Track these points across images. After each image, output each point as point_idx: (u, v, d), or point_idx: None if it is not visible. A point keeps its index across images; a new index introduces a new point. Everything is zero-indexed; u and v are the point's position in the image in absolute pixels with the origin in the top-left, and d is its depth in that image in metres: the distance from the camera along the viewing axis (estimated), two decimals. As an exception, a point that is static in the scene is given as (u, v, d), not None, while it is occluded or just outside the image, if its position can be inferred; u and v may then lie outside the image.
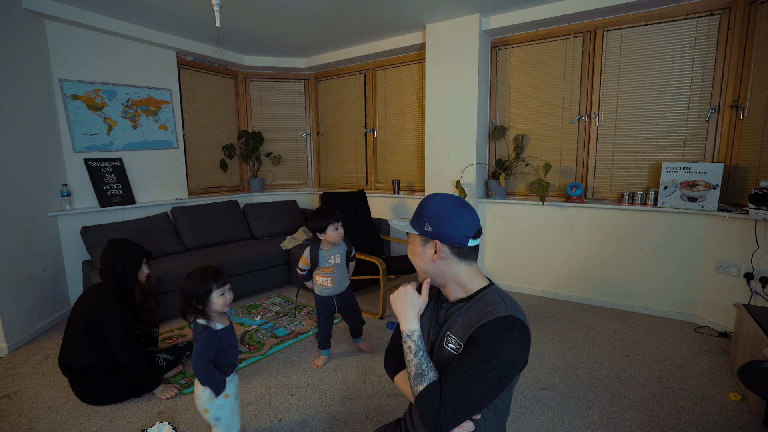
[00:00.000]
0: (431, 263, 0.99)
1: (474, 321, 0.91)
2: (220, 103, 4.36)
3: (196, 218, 3.66)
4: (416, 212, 1.03)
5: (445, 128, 3.50)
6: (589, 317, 2.91)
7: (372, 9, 3.08)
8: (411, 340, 0.96)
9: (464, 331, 0.92)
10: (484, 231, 3.58)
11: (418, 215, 1.01)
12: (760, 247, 2.40)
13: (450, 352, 0.94)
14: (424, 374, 0.91)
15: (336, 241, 2.17)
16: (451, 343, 0.94)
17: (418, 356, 0.94)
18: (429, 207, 0.99)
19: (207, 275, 1.42)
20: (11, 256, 2.53)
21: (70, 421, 1.80)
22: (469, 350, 0.88)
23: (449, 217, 0.96)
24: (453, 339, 0.94)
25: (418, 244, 1.01)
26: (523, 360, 0.89)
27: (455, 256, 0.97)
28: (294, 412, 1.87)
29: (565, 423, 1.77)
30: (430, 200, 1.00)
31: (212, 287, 1.42)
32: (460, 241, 0.96)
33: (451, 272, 0.98)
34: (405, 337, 0.98)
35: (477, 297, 0.96)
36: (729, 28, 2.61)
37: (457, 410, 0.86)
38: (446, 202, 0.98)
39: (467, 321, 0.93)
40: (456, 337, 0.93)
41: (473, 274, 0.99)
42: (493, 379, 0.85)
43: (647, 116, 2.93)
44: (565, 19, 3.04)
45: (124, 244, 1.99)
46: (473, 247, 0.98)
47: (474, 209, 1.00)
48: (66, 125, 3.10)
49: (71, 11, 2.93)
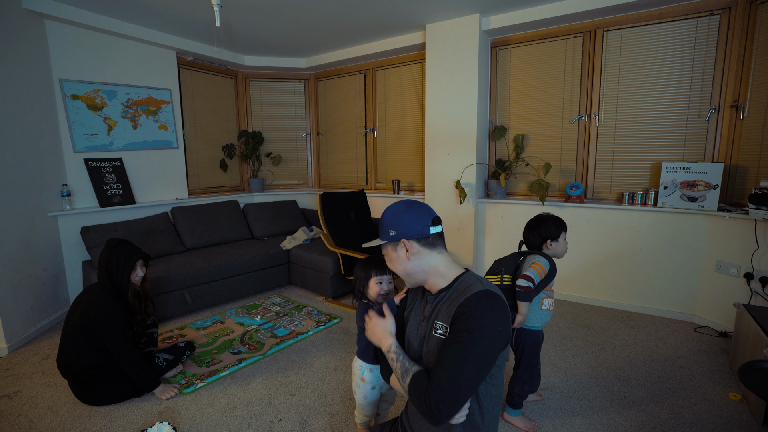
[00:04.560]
0: (407, 262, 1.07)
1: (454, 302, 0.99)
2: (220, 103, 4.36)
3: (196, 218, 3.66)
4: (379, 227, 1.13)
5: (445, 128, 3.50)
6: (589, 317, 2.91)
7: (372, 9, 3.08)
8: (391, 351, 1.06)
9: (448, 314, 0.98)
10: (484, 231, 3.58)
11: (381, 227, 1.12)
12: (760, 247, 2.40)
13: (438, 337, 1.00)
14: (408, 369, 0.99)
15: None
16: (438, 329, 1.00)
17: (399, 360, 1.03)
18: (386, 217, 1.10)
19: (371, 263, 1.57)
20: (11, 256, 2.53)
21: (70, 421, 1.80)
22: (453, 328, 0.94)
23: (404, 217, 1.07)
24: (440, 325, 1.00)
25: (391, 251, 1.11)
26: (506, 332, 0.94)
27: (424, 247, 1.06)
28: (294, 412, 1.87)
29: (565, 423, 1.77)
30: (385, 212, 1.11)
31: (372, 273, 1.55)
32: (422, 231, 1.05)
33: (428, 264, 1.06)
34: (386, 354, 1.08)
35: (456, 283, 1.04)
36: (729, 28, 2.61)
37: (449, 388, 0.89)
38: (398, 207, 1.10)
39: (450, 305, 1.00)
40: (442, 323, 1.00)
41: (449, 262, 1.08)
42: (480, 351, 0.90)
43: (647, 116, 2.93)
44: (565, 19, 3.04)
45: (121, 245, 1.99)
46: (437, 234, 1.08)
47: (426, 204, 1.11)
48: (66, 125, 3.10)
49: (71, 11, 2.93)
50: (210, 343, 2.55)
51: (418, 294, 1.18)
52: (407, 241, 1.06)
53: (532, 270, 1.63)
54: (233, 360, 2.33)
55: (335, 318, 2.91)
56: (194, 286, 3.01)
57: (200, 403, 1.93)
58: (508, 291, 1.70)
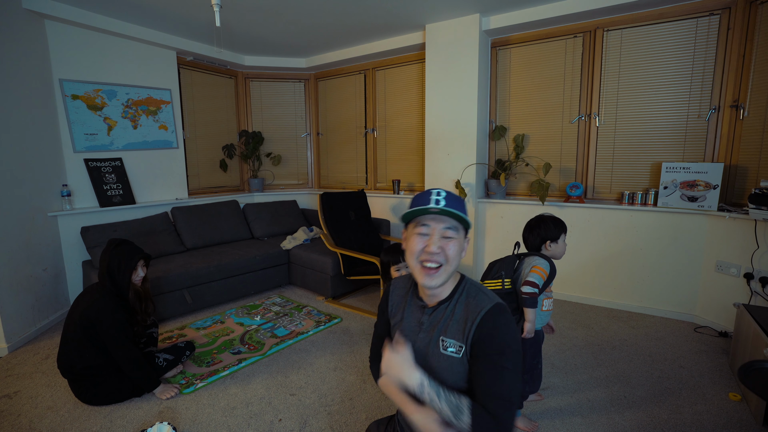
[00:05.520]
0: (459, 258, 0.97)
1: (465, 318, 0.94)
2: (220, 103, 4.36)
3: (196, 218, 3.66)
4: (455, 205, 0.94)
5: (445, 128, 3.50)
6: (589, 317, 2.91)
7: (372, 9, 3.08)
8: (426, 389, 0.91)
9: (460, 332, 0.94)
10: (484, 231, 3.58)
11: (460, 206, 0.95)
12: (760, 247, 2.40)
13: (451, 356, 0.94)
14: (460, 407, 0.87)
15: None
16: (450, 347, 0.95)
17: (443, 397, 0.89)
18: (461, 201, 0.97)
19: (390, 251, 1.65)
20: (11, 256, 2.53)
21: (70, 421, 1.80)
22: (481, 352, 0.90)
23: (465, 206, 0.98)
24: (451, 342, 0.95)
25: (461, 239, 0.97)
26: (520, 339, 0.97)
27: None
28: (294, 412, 1.87)
29: (565, 423, 1.77)
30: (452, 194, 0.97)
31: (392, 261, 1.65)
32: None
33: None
34: (419, 392, 0.92)
35: (456, 294, 0.99)
36: (729, 28, 2.61)
37: (510, 411, 0.87)
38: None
39: (458, 320, 0.95)
40: (454, 340, 0.94)
41: None
42: (517, 363, 0.89)
43: (647, 116, 2.93)
44: (565, 19, 3.04)
45: (123, 245, 1.99)
46: None
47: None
48: (66, 125, 3.10)
49: (71, 11, 2.93)
50: (210, 343, 2.55)
51: (403, 300, 1.09)
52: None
53: (534, 275, 1.62)
54: (233, 360, 2.33)
55: (335, 318, 2.91)
56: (194, 286, 3.01)
57: (200, 403, 1.93)
58: (509, 296, 1.69)
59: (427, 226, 0.95)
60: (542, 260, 1.67)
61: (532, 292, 1.59)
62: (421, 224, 0.96)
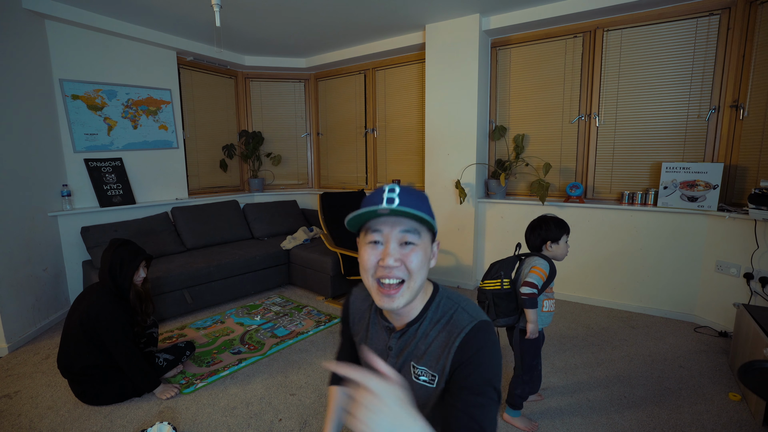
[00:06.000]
0: (426, 269, 0.79)
1: (441, 343, 0.81)
2: (220, 103, 4.36)
3: (196, 218, 3.66)
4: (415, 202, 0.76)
5: (445, 128, 3.50)
6: (589, 317, 2.91)
7: (372, 9, 3.08)
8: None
9: (434, 359, 0.81)
10: (484, 231, 3.58)
11: (423, 206, 0.77)
12: (759, 247, 2.40)
13: (424, 386, 0.82)
14: None
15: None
16: (422, 375, 0.82)
17: None
18: (425, 199, 0.81)
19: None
20: (11, 256, 2.53)
21: (70, 421, 1.80)
22: (466, 385, 0.76)
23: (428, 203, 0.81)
24: (423, 370, 0.82)
25: (427, 244, 0.80)
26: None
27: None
28: (294, 412, 1.87)
29: (565, 423, 1.77)
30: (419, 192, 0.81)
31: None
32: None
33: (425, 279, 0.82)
34: None
35: (429, 312, 0.83)
36: (729, 28, 2.61)
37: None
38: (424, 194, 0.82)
39: (433, 345, 0.82)
40: (427, 368, 0.82)
41: None
42: (498, 389, 0.78)
43: (647, 116, 2.93)
44: (565, 19, 3.04)
45: (125, 245, 1.99)
46: None
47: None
48: (66, 125, 3.10)
49: (71, 11, 2.93)
50: (210, 343, 2.55)
51: (366, 314, 0.94)
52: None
53: (533, 275, 1.62)
54: (233, 360, 2.33)
55: (335, 318, 2.91)
56: (194, 286, 3.01)
57: (200, 403, 1.93)
58: (508, 295, 1.69)
59: (379, 232, 0.76)
60: (542, 261, 1.67)
61: (531, 292, 1.59)
62: (372, 230, 0.77)
